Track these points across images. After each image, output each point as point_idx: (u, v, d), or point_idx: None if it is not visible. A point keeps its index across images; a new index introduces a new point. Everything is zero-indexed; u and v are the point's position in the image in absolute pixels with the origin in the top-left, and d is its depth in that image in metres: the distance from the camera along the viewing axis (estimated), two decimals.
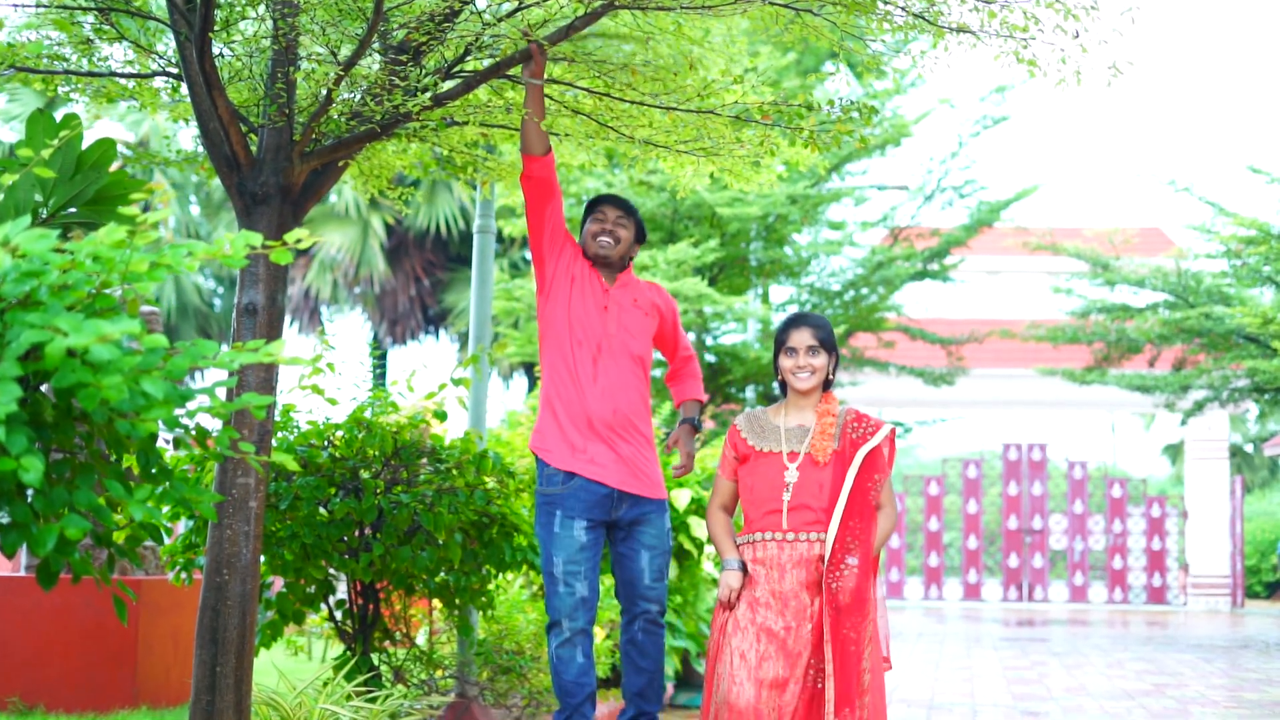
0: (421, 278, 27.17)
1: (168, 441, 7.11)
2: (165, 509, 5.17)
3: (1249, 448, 38.98)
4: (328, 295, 26.92)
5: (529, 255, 26.74)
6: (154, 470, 3.15)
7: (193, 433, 3.17)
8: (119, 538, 4.98)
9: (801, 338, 4.67)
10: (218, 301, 28.81)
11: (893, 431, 4.67)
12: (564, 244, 5.14)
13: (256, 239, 2.99)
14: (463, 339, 26.58)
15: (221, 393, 6.02)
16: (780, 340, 4.72)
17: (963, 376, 20.30)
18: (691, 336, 15.62)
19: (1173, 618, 20.53)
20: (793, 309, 17.12)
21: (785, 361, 4.68)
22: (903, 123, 16.27)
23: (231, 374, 4.80)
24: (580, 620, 4.82)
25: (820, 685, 4.42)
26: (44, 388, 3.07)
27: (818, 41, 5.05)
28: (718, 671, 4.53)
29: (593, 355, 4.96)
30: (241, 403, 3.00)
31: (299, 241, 3.09)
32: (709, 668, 4.60)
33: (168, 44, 5.25)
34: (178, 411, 2.95)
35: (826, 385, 4.73)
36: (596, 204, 5.31)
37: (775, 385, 5.02)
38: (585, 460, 4.89)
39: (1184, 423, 19.43)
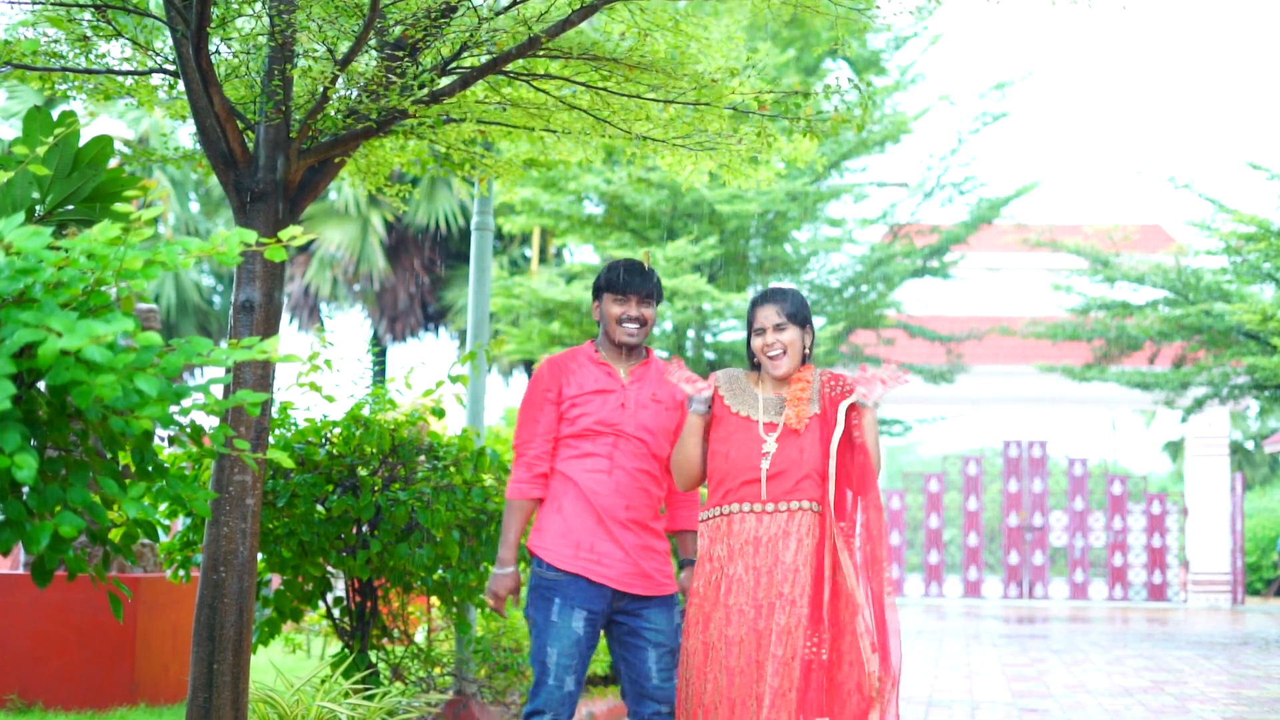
0: (421, 275, 27.17)
1: (164, 439, 7.11)
2: (163, 506, 5.16)
3: (1250, 445, 38.97)
4: (328, 292, 26.92)
5: (528, 253, 26.77)
6: (149, 467, 3.15)
7: (187, 430, 3.16)
8: (115, 535, 4.98)
9: (767, 315, 4.43)
10: (217, 299, 28.80)
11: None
12: (558, 394, 4.64)
13: (250, 236, 2.99)
14: (463, 336, 26.58)
15: (219, 390, 6.00)
16: (749, 321, 4.50)
17: (963, 374, 20.31)
18: (691, 333, 15.62)
19: (1173, 615, 20.53)
20: None
21: (756, 342, 4.46)
22: (902, 119, 16.26)
23: (227, 371, 4.80)
24: (564, 716, 4.48)
25: (823, 657, 4.16)
26: (40, 384, 3.06)
27: (814, 20, 5.01)
28: (687, 677, 4.32)
29: (607, 452, 4.55)
30: (235, 400, 2.99)
31: (293, 239, 3.09)
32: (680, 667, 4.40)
33: (165, 41, 5.24)
34: (172, 409, 2.95)
35: (808, 359, 4.49)
36: (618, 280, 4.68)
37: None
38: (589, 561, 4.49)
39: (1184, 419, 19.42)
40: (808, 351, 4.49)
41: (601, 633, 4.62)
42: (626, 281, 4.66)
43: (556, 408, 4.62)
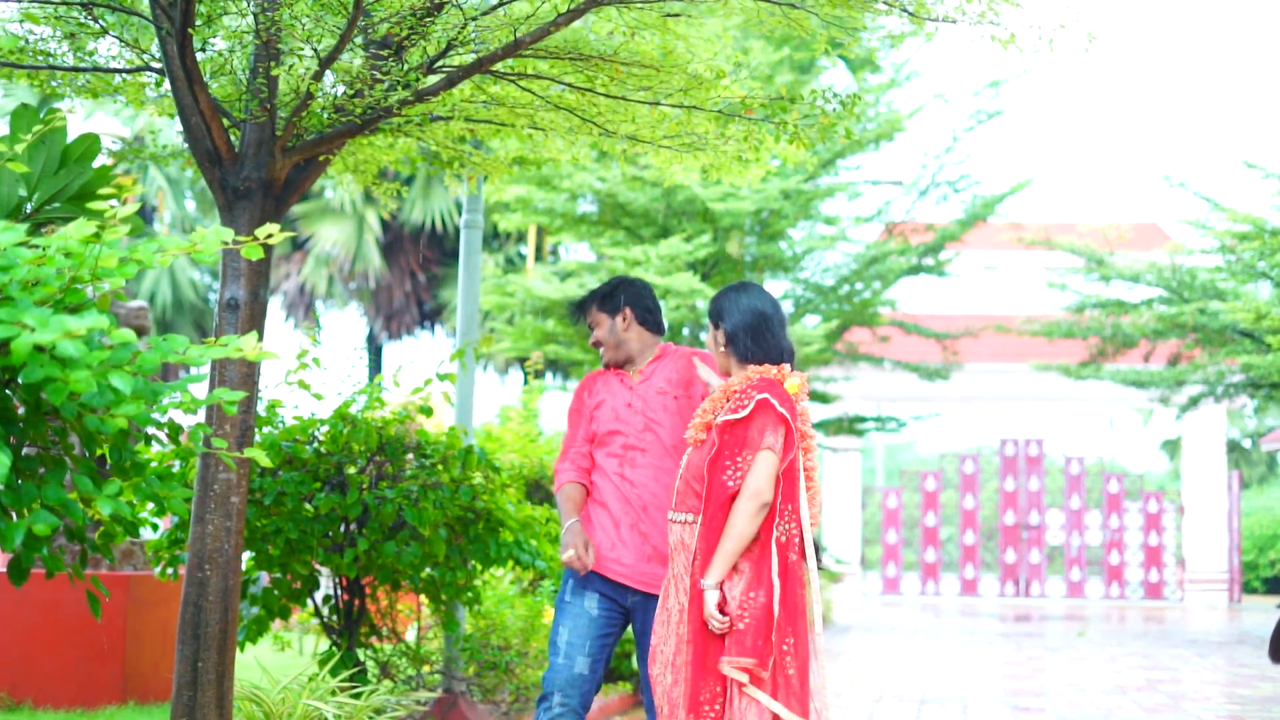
0: (417, 273, 27.15)
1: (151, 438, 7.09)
2: (150, 505, 5.15)
3: (1247, 443, 38.94)
4: (323, 290, 26.90)
5: (524, 250, 26.73)
6: (127, 465, 3.14)
7: (164, 428, 3.16)
8: (99, 534, 4.98)
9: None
10: (213, 296, 28.77)
11: (763, 403, 4.11)
12: (584, 405, 4.90)
13: (229, 234, 2.98)
14: None
15: (201, 388, 5.98)
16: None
17: (958, 371, 20.28)
18: (685, 331, 15.61)
19: (1169, 613, 20.53)
20: (787, 304, 17.09)
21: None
22: (896, 117, 16.23)
23: (214, 369, 4.79)
24: (574, 698, 4.52)
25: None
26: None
27: (800, 34, 5.02)
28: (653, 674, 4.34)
29: (619, 457, 4.71)
30: (213, 398, 2.99)
31: (270, 236, 3.08)
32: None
33: (152, 39, 5.23)
34: (149, 407, 2.94)
35: (749, 358, 4.28)
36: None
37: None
38: (611, 561, 4.64)
39: (1179, 417, 19.41)
40: (727, 350, 4.39)
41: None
42: (576, 307, 4.96)
43: (587, 417, 4.87)
